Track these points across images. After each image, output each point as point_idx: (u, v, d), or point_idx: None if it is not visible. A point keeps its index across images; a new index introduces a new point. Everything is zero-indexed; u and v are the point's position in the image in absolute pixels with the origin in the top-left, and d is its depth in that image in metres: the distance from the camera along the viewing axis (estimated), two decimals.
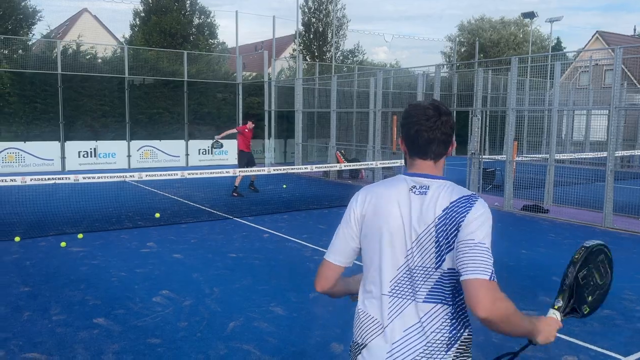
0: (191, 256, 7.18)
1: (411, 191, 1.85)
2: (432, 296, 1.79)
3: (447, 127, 1.87)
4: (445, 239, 1.75)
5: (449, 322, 1.79)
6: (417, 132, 1.87)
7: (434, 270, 1.78)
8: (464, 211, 1.74)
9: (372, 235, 1.90)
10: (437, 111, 1.87)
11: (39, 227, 8.68)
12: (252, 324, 4.88)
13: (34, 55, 17.97)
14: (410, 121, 1.90)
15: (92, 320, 4.87)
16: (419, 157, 1.90)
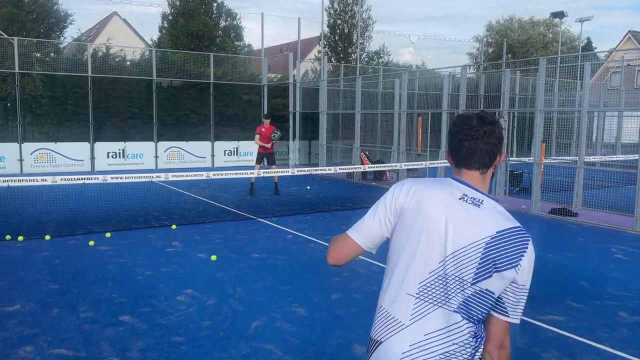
0: (216, 256, 7.24)
1: (462, 199, 1.82)
2: (462, 309, 1.77)
3: (491, 137, 1.83)
4: (495, 261, 1.74)
5: (473, 340, 1.79)
6: (459, 142, 1.86)
7: (469, 285, 1.76)
8: (521, 249, 1.77)
9: (408, 232, 1.84)
10: (480, 121, 1.84)
11: (68, 226, 8.88)
12: (274, 324, 4.90)
13: (65, 57, 18.39)
14: (454, 130, 1.89)
15: (118, 318, 4.96)
16: (464, 167, 1.88)
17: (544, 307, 5.46)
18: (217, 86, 20.24)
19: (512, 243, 1.75)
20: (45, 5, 24.10)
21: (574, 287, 6.17)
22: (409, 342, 1.79)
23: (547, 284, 6.27)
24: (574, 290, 6.05)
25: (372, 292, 5.84)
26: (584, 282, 6.36)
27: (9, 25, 22.05)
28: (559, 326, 4.96)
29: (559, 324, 5.01)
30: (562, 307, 5.49)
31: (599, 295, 5.86)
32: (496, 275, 1.74)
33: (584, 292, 5.97)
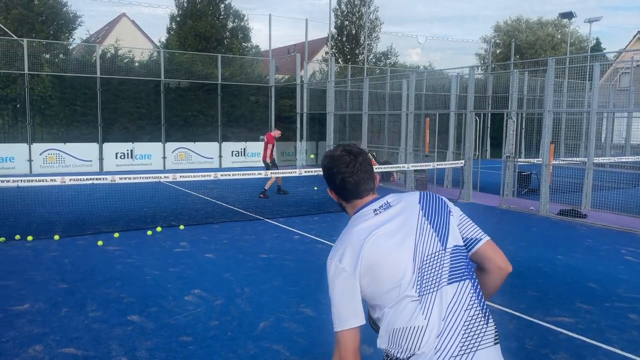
0: (223, 256, 7.26)
1: (375, 213, 1.94)
2: (453, 276, 1.84)
3: (366, 165, 2.00)
4: (441, 222, 1.92)
5: (475, 295, 1.84)
6: (342, 181, 1.99)
7: (443, 252, 1.85)
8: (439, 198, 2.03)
9: (378, 271, 1.85)
10: (351, 155, 1.99)
11: (77, 226, 8.93)
12: (282, 324, 4.90)
13: (74, 59, 18.52)
14: (331, 172, 2.01)
15: (126, 317, 4.98)
16: (356, 198, 2.02)
17: (553, 308, 5.43)
18: (224, 87, 20.30)
19: (434, 202, 1.98)
20: (54, 7, 24.27)
21: (583, 288, 6.13)
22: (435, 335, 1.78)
23: (556, 285, 6.23)
24: (583, 291, 6.00)
25: None
26: (593, 283, 6.32)
27: (19, 26, 22.23)
28: (568, 328, 4.93)
29: (568, 326, 4.97)
30: (571, 308, 5.45)
31: (608, 297, 5.82)
32: (450, 229, 1.91)
33: (593, 294, 5.93)
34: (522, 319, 5.16)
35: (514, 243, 8.32)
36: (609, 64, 30.47)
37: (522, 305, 5.48)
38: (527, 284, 6.22)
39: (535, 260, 7.31)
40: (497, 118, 20.90)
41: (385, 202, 1.98)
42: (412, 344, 1.80)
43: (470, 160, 12.44)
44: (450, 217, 1.95)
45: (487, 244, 1.97)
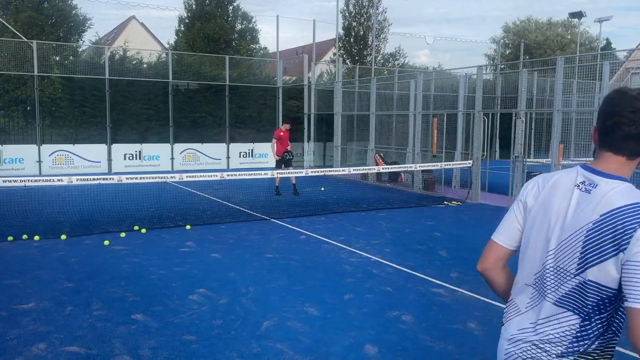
0: (229, 256, 7.25)
1: (577, 187, 1.74)
2: (563, 301, 1.72)
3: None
4: (597, 247, 1.62)
5: (572, 333, 1.70)
6: (615, 124, 1.68)
7: (572, 277, 1.69)
8: (633, 222, 1.56)
9: (531, 227, 1.85)
10: (633, 98, 1.67)
11: (84, 225, 8.96)
12: (286, 323, 4.88)
13: (83, 61, 18.63)
14: (610, 110, 1.70)
15: (130, 316, 4.97)
16: (610, 151, 1.73)
17: None
18: (232, 88, 20.34)
19: (621, 220, 1.58)
20: (64, 9, 24.46)
21: None
22: (518, 326, 1.83)
23: None
24: None
25: (385, 293, 5.79)
26: None
27: (29, 29, 22.42)
28: None
29: None
30: None
31: None
32: (601, 265, 1.62)
33: None
34: None
35: None
36: (620, 64, 30.18)
37: None
38: None
39: None
40: (506, 119, 20.76)
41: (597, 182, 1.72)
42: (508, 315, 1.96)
43: (478, 161, 12.36)
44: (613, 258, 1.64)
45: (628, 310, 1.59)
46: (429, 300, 5.60)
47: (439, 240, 8.46)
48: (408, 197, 12.96)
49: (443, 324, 4.96)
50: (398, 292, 5.82)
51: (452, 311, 5.28)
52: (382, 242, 8.22)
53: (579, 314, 1.68)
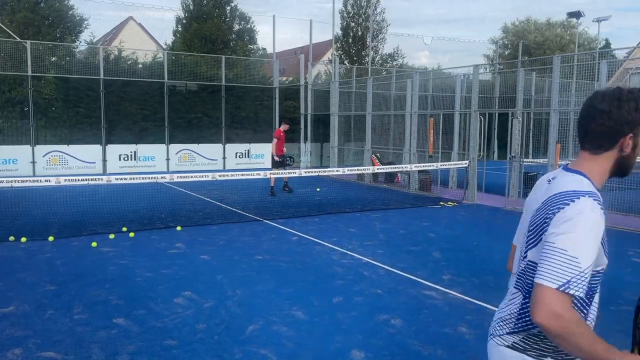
0: (218, 258, 7.12)
1: (548, 182, 1.85)
2: (517, 283, 1.84)
3: (595, 112, 1.71)
4: (534, 232, 1.74)
5: (517, 311, 1.80)
6: (579, 122, 1.80)
7: (522, 259, 1.81)
8: (556, 208, 1.64)
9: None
10: (593, 98, 1.74)
11: (73, 227, 8.83)
12: (271, 327, 4.74)
13: (78, 61, 18.48)
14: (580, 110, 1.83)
15: (112, 320, 4.84)
16: (580, 148, 1.81)
17: None
18: (228, 89, 20.21)
19: (550, 206, 1.67)
20: (60, 10, 24.34)
21: None
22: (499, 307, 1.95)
23: None
24: None
25: (375, 295, 5.65)
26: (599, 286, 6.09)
27: (25, 29, 22.30)
28: None
29: None
30: None
31: (614, 300, 5.60)
32: (536, 246, 1.72)
33: (599, 297, 5.70)
34: None
35: None
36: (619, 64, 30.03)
37: None
38: None
39: None
40: (504, 119, 20.62)
41: (554, 176, 1.85)
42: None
43: (474, 161, 12.22)
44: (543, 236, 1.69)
45: (538, 287, 1.62)
46: (420, 303, 5.46)
47: (433, 241, 8.33)
48: (404, 197, 12.83)
49: (433, 327, 4.82)
50: (388, 295, 5.69)
51: (443, 314, 5.14)
52: (375, 243, 8.09)
53: (522, 292, 1.79)
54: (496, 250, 7.70)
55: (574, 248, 1.57)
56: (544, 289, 1.56)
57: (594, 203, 1.61)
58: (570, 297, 1.56)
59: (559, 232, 1.59)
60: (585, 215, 1.59)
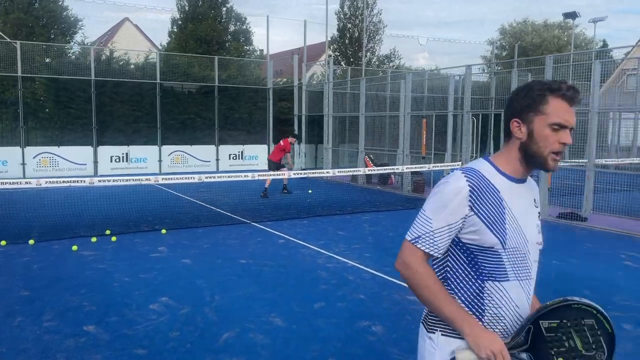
0: (200, 262, 6.95)
1: None
2: None
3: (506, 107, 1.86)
4: None
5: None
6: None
7: None
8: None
9: None
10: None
11: (56, 230, 8.65)
12: (247, 335, 4.57)
13: (69, 61, 18.30)
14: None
15: (82, 328, 4.67)
16: None
17: None
18: (222, 89, 20.04)
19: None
20: (54, 10, 24.17)
21: (577, 295, 5.73)
22: None
23: (547, 293, 5.78)
24: None
25: (358, 301, 5.49)
26: (588, 290, 5.94)
27: (18, 30, 22.13)
28: None
29: None
30: None
31: (603, 305, 5.39)
32: None
33: None
34: None
35: None
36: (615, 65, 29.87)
37: None
38: None
39: None
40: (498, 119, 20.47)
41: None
42: None
43: (467, 162, 12.05)
44: None
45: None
46: (403, 309, 5.30)
47: None
48: (396, 199, 12.66)
49: (415, 335, 4.62)
50: (372, 300, 5.52)
51: None
52: (362, 246, 7.93)
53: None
54: None
55: (430, 210, 1.75)
56: (404, 242, 1.79)
57: (461, 175, 1.73)
58: (421, 251, 1.74)
59: (428, 198, 1.80)
60: (447, 184, 1.74)
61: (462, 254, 1.77)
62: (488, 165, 1.80)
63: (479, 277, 1.75)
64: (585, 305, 1.71)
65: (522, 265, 1.78)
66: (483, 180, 1.75)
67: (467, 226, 1.73)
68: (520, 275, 1.78)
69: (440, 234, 1.72)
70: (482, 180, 1.75)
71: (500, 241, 1.73)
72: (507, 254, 1.75)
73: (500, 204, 1.74)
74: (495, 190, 1.75)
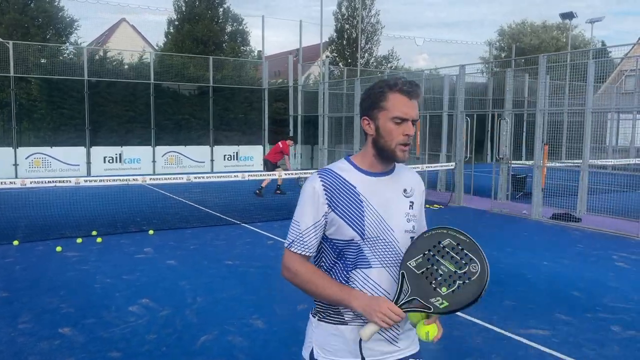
0: (185, 263, 6.85)
1: None
2: None
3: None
4: None
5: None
6: None
7: None
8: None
9: None
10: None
11: (42, 231, 8.54)
12: (225, 337, 4.47)
13: (62, 62, 18.20)
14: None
15: (57, 330, 4.56)
16: None
17: (529, 320, 4.96)
18: (217, 90, 19.93)
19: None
20: (50, 11, 24.07)
21: (566, 297, 5.64)
22: None
23: (537, 294, 5.75)
24: (564, 301, 5.52)
25: None
26: (578, 292, 5.84)
27: (14, 31, 22.02)
28: (542, 342, 4.46)
29: (543, 339, 4.50)
30: (549, 320, 4.98)
31: (592, 307, 5.33)
32: None
33: (576, 304, 5.45)
34: (492, 331, 4.69)
35: (499, 248, 7.84)
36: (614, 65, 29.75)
37: (494, 317, 5.01)
38: (505, 292, 5.75)
39: (518, 267, 6.83)
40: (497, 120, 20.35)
41: None
42: None
43: (461, 163, 11.97)
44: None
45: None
46: None
47: None
48: None
49: None
50: None
51: None
52: None
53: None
54: None
55: (296, 214, 1.88)
56: (284, 249, 1.92)
57: (316, 177, 1.87)
58: (297, 254, 1.87)
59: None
60: (305, 188, 1.88)
61: (330, 248, 1.89)
62: (346, 163, 1.92)
63: (345, 268, 1.87)
64: (434, 229, 1.80)
65: (388, 253, 1.86)
66: (337, 178, 1.87)
67: (329, 223, 1.85)
68: (386, 262, 1.86)
69: (307, 234, 1.85)
70: (337, 178, 1.87)
71: (358, 233, 1.83)
72: (368, 244, 1.84)
73: (357, 198, 1.84)
74: (350, 187, 1.86)
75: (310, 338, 1.99)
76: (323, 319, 1.92)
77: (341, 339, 1.87)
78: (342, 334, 1.87)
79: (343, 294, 1.80)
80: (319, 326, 1.93)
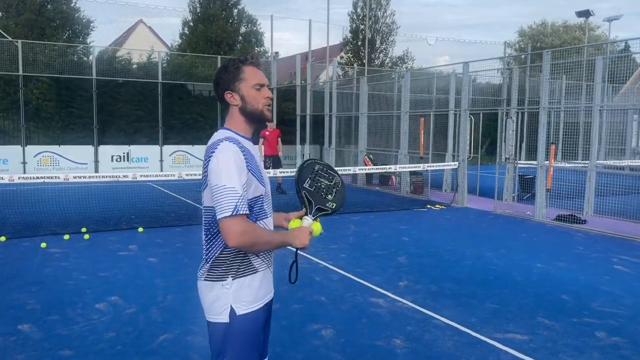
0: (166, 260, 6.73)
1: None
2: (204, 225, 2.23)
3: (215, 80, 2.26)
4: (203, 180, 2.15)
5: (204, 249, 2.24)
6: None
7: (202, 207, 2.22)
8: (208, 157, 2.08)
9: None
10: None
11: (31, 227, 8.51)
12: (185, 337, 4.32)
13: (71, 61, 18.33)
14: None
15: (16, 327, 4.46)
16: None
17: (508, 323, 4.71)
18: None
19: (206, 159, 2.09)
20: (66, 12, 24.32)
21: (552, 301, 5.37)
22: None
23: (523, 297, 5.48)
24: (550, 304, 5.25)
25: (316, 303, 5.20)
26: (567, 295, 5.55)
27: (29, 31, 22.30)
28: (517, 347, 4.21)
29: (519, 345, 4.26)
30: (530, 324, 4.72)
31: (578, 311, 5.05)
32: (204, 190, 2.14)
33: (562, 307, 5.17)
34: (467, 334, 4.46)
35: (494, 249, 7.57)
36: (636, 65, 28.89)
37: (472, 319, 4.77)
38: (489, 294, 5.49)
39: (509, 269, 6.56)
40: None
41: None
42: None
43: (464, 162, 11.66)
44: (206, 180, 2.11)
45: (221, 222, 2.04)
46: (362, 311, 4.99)
47: (403, 245, 7.82)
48: (392, 200, 12.33)
49: (365, 339, 4.35)
50: (331, 303, 5.23)
51: (382, 325, 4.66)
52: (341, 247, 7.63)
53: (205, 233, 2.24)
54: (467, 256, 7.18)
55: (226, 181, 2.01)
56: (225, 220, 2.00)
57: (229, 144, 2.06)
58: (244, 215, 2.02)
59: (216, 175, 2.02)
60: (224, 154, 2.03)
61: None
62: (232, 132, 2.17)
63: (255, 220, 2.16)
64: (307, 161, 2.40)
65: (270, 204, 2.27)
66: (240, 144, 2.10)
67: (248, 183, 2.07)
68: (270, 210, 2.28)
69: (244, 195, 2.04)
70: (240, 144, 2.10)
71: (265, 189, 2.20)
72: (266, 198, 2.22)
73: (254, 159, 2.15)
74: (248, 150, 2.13)
75: (224, 301, 2.13)
76: (239, 275, 2.14)
77: (256, 285, 2.17)
78: (253, 282, 2.17)
79: (283, 237, 2.16)
80: (234, 283, 2.13)
